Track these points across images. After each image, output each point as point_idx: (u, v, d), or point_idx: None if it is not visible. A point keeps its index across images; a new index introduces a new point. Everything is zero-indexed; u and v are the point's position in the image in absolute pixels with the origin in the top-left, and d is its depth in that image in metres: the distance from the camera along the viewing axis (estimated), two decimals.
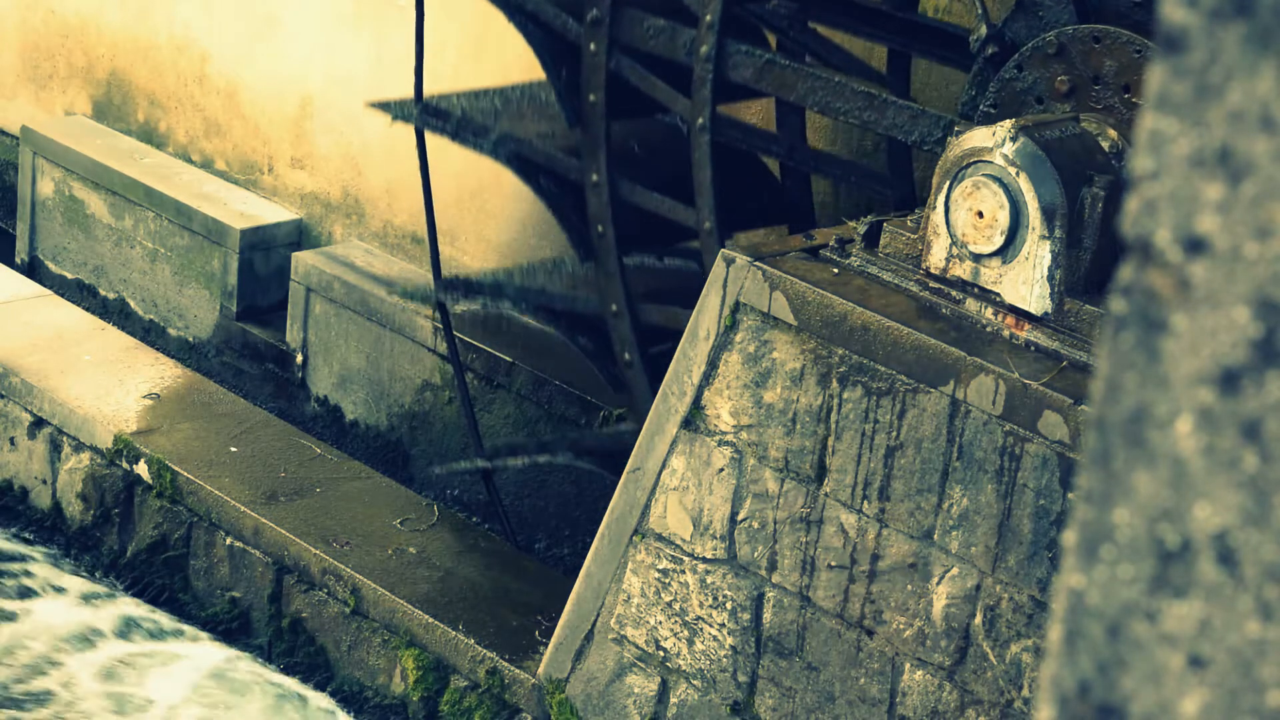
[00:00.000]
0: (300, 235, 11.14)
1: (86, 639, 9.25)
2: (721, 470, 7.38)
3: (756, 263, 7.26)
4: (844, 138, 9.28)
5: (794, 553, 7.23)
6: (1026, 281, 6.83)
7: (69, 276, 11.72)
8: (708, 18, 8.05)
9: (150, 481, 9.47)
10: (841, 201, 9.23)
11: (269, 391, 10.92)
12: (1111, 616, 1.72)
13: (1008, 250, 6.86)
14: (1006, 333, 6.90)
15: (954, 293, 7.02)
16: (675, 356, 7.51)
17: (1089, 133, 7.03)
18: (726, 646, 7.47)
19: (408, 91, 9.04)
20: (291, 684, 9.01)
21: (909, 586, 6.94)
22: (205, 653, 9.19)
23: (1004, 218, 6.82)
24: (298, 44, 11.01)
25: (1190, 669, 1.68)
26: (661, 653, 7.66)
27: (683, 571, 7.55)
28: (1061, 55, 7.11)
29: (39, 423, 9.93)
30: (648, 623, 7.69)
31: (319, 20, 10.89)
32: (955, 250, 6.98)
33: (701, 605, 7.51)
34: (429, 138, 8.85)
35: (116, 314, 11.50)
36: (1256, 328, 1.65)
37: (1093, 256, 6.81)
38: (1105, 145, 7.00)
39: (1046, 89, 7.16)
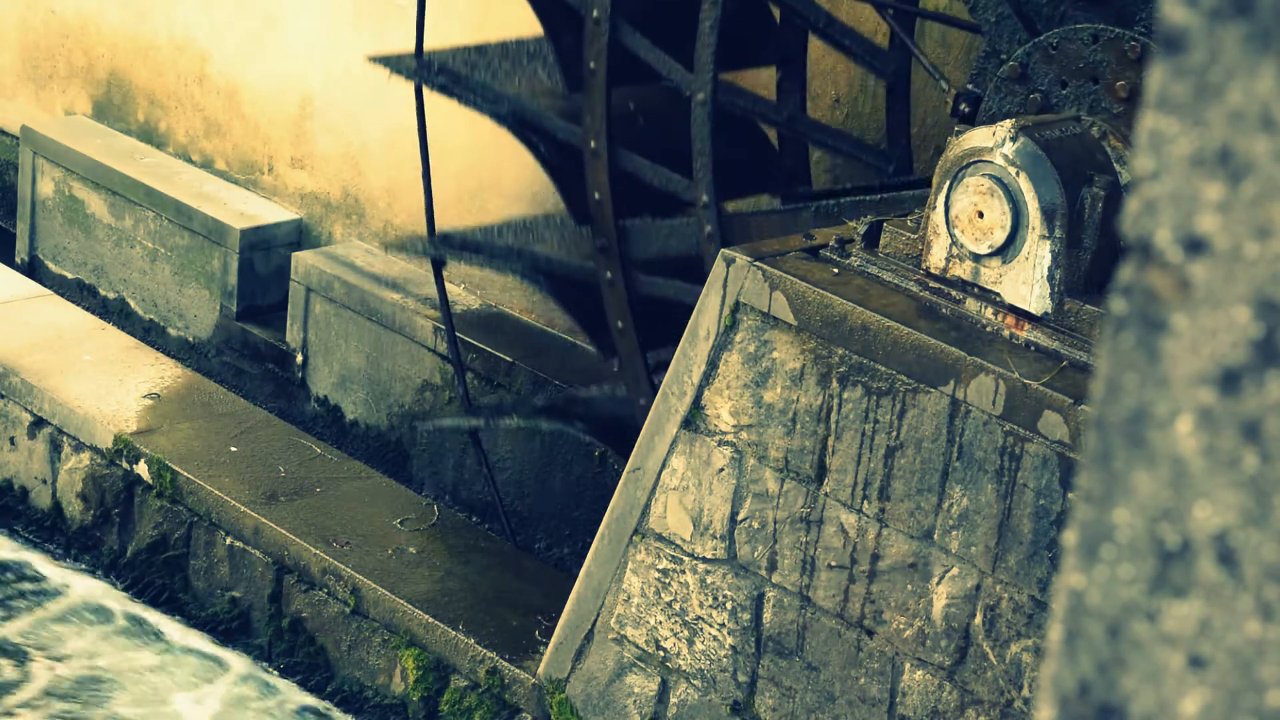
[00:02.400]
0: (300, 235, 11.14)
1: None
2: (721, 470, 7.39)
3: (756, 263, 7.26)
4: (844, 119, 9.26)
5: (794, 553, 7.23)
6: (1026, 281, 6.83)
7: (69, 276, 11.72)
8: (703, 198, 8.09)
9: (150, 481, 9.47)
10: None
11: (269, 391, 10.92)
12: (1111, 616, 1.72)
13: (1008, 250, 6.86)
14: (1006, 333, 6.90)
15: (954, 293, 7.02)
16: (675, 356, 7.51)
17: (1089, 133, 7.03)
18: (726, 646, 7.47)
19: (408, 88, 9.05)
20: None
21: (909, 586, 6.94)
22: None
23: (1004, 218, 6.82)
24: (298, 44, 11.01)
25: (1190, 669, 1.68)
26: (661, 653, 7.66)
27: (683, 571, 7.55)
28: (1139, 64, 7.03)
29: (39, 422, 9.93)
30: (648, 623, 7.69)
31: (319, 20, 10.89)
32: (955, 250, 6.98)
33: (701, 605, 7.51)
34: (429, 100, 8.82)
35: (116, 314, 11.50)
36: (1256, 328, 1.65)
37: (1093, 256, 6.81)
38: (1125, 176, 6.99)
39: (1107, 79, 7.09)
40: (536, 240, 8.81)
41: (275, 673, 9.06)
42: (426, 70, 8.68)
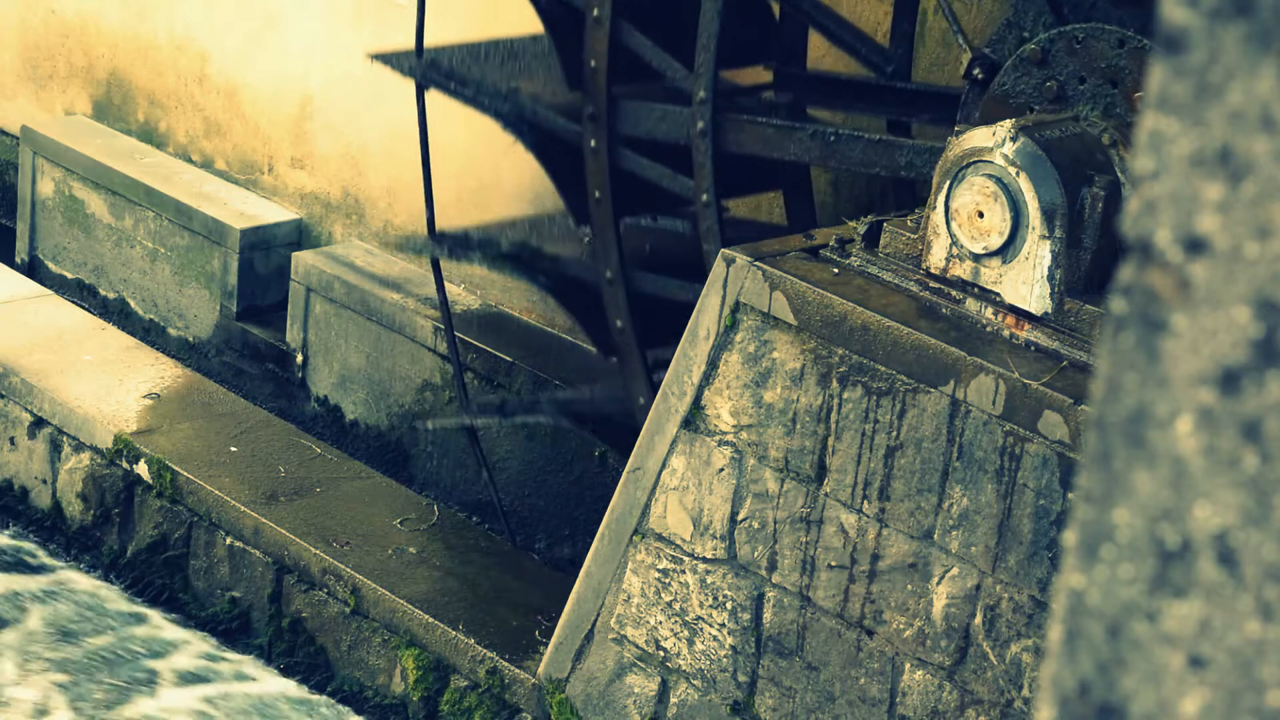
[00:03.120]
0: (300, 235, 11.14)
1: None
2: (721, 470, 7.38)
3: (756, 263, 7.26)
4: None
5: (794, 553, 7.23)
6: (1026, 281, 6.83)
7: (69, 276, 11.72)
8: (700, 94, 8.05)
9: (150, 481, 9.47)
10: (842, 201, 9.23)
11: (269, 391, 10.92)
12: (1111, 616, 1.72)
13: (1008, 250, 6.86)
14: (1006, 333, 6.90)
15: (954, 293, 7.02)
16: (675, 356, 7.52)
17: (1089, 133, 7.03)
18: (726, 646, 7.47)
19: (409, 96, 9.05)
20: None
21: (909, 586, 6.94)
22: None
23: (1004, 218, 6.82)
24: (298, 43, 11.01)
25: (1190, 669, 1.68)
26: (661, 653, 7.66)
27: (683, 571, 7.55)
28: None
29: (39, 422, 9.93)
30: (648, 623, 7.69)
31: (319, 20, 10.89)
32: (955, 250, 6.98)
33: (701, 605, 7.51)
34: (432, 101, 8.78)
35: (116, 314, 11.50)
36: (1256, 328, 1.65)
37: (1093, 256, 6.81)
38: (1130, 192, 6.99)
39: (1126, 86, 7.05)
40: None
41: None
42: None
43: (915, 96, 8.33)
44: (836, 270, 7.26)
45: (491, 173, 10.25)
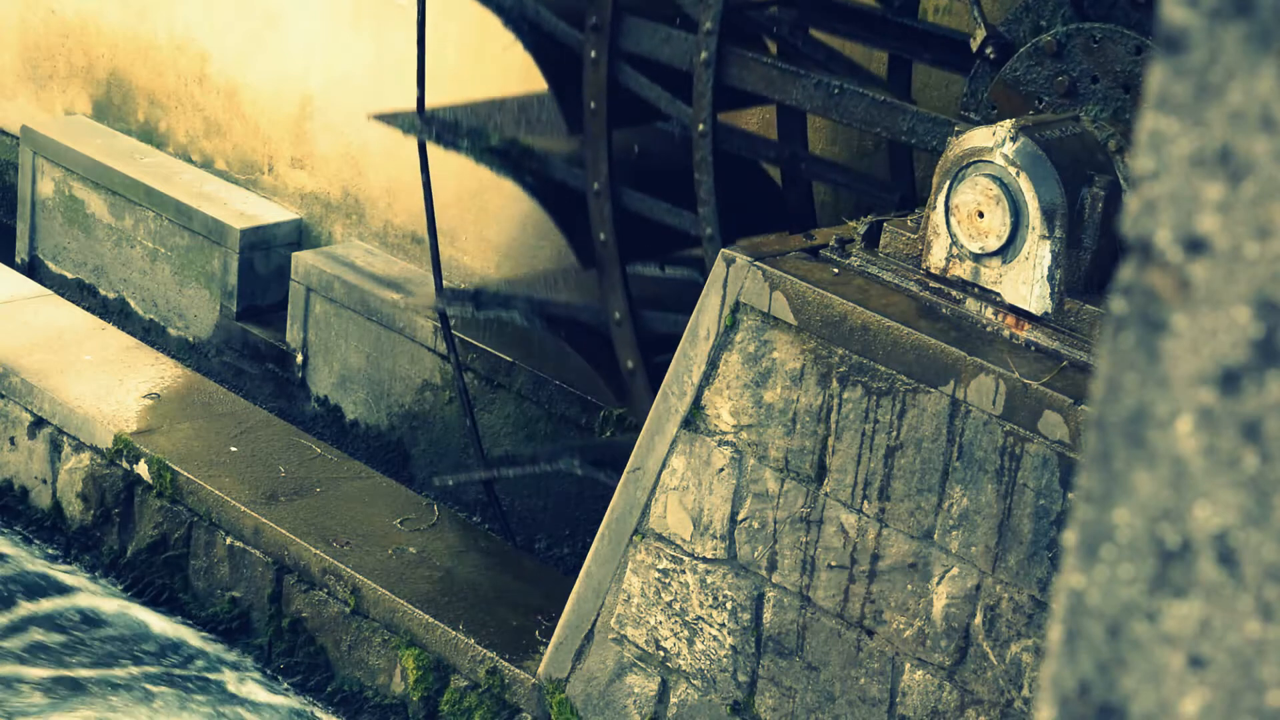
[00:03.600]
0: (300, 235, 11.14)
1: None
2: (721, 470, 7.38)
3: (756, 262, 7.26)
4: (844, 139, 9.26)
5: (794, 553, 7.23)
6: (1027, 281, 6.83)
7: (69, 276, 11.72)
8: (707, 24, 8.02)
9: (150, 481, 9.47)
10: (842, 203, 9.23)
11: (269, 391, 10.92)
12: (1111, 616, 1.72)
13: (1008, 250, 6.86)
14: (1006, 333, 6.90)
15: (954, 293, 7.02)
16: (675, 356, 7.52)
17: (1089, 133, 7.03)
18: (726, 646, 7.47)
19: (410, 103, 9.05)
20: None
21: (909, 586, 6.94)
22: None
23: (1004, 218, 6.82)
24: (298, 44, 11.01)
25: (1190, 669, 1.68)
26: (661, 653, 7.66)
27: (683, 571, 7.55)
28: None
29: (39, 422, 9.93)
30: (648, 622, 7.69)
31: (319, 20, 10.89)
32: (955, 250, 6.98)
33: (701, 605, 7.51)
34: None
35: (116, 314, 11.50)
36: (1256, 328, 1.65)
37: (1093, 256, 6.81)
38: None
39: (1138, 94, 7.06)
40: (545, 293, 8.79)
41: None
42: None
43: (919, 35, 8.26)
44: (836, 270, 7.26)
45: (491, 173, 10.25)
